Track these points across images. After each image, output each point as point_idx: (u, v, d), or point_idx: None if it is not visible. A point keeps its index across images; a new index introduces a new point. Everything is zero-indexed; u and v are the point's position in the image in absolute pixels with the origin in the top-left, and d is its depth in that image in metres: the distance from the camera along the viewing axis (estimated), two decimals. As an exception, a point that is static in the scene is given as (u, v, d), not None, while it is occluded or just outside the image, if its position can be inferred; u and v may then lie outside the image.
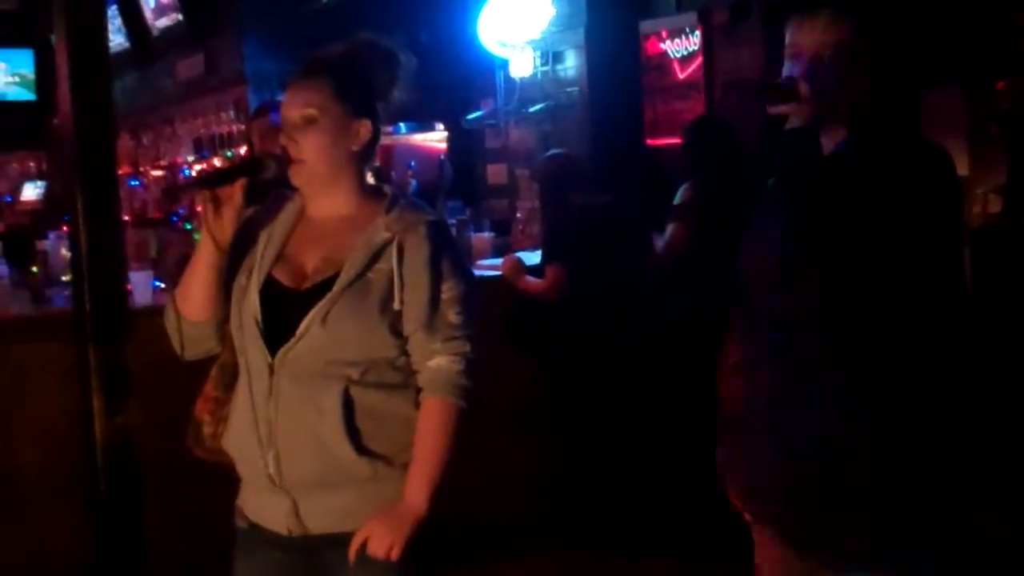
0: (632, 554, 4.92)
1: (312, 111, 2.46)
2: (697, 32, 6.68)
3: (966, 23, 5.59)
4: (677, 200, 5.40)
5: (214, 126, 10.66)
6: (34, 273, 5.34)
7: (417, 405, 2.45)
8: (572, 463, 5.14)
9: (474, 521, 4.83)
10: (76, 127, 3.52)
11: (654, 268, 5.31)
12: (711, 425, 2.58)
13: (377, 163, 2.62)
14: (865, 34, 2.32)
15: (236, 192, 2.44)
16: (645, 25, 7.08)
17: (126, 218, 10.40)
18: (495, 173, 8.19)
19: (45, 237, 5.94)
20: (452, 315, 2.45)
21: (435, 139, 8.57)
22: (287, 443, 2.41)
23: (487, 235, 6.84)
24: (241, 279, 2.50)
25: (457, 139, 8.60)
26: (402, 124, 8.15)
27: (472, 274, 2.60)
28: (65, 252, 4.86)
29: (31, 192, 13.58)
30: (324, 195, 2.53)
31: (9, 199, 13.85)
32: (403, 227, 2.47)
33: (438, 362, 2.44)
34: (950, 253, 2.32)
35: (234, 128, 10.09)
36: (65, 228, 5.76)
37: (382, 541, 2.38)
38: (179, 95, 11.49)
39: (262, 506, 2.50)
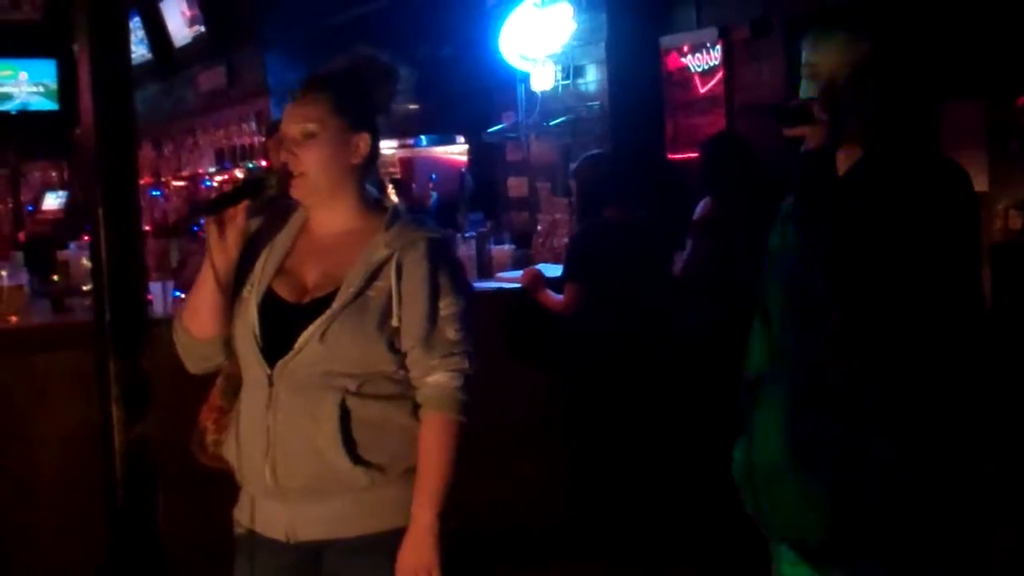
0: (649, 567, 4.91)
1: (311, 126, 2.49)
2: (718, 47, 6.67)
3: (988, 38, 5.57)
4: (696, 216, 5.40)
5: (235, 138, 10.72)
6: (55, 282, 5.36)
7: (414, 415, 2.47)
8: (590, 477, 5.13)
9: (488, 534, 4.83)
10: (98, 138, 3.54)
11: (673, 284, 5.31)
12: (729, 439, 2.58)
13: (398, 175, 2.64)
14: (882, 53, 2.31)
15: (239, 213, 2.49)
16: (666, 40, 7.08)
17: (147, 228, 10.45)
18: (516, 186, 8.19)
19: (66, 247, 5.96)
20: (451, 332, 2.47)
21: (456, 152, 8.59)
22: (284, 452, 2.43)
23: (507, 247, 6.84)
24: (243, 292, 2.53)
25: (478, 152, 8.61)
26: (423, 137, 8.17)
27: (471, 290, 2.61)
28: (86, 262, 4.87)
29: (53, 201, 13.66)
30: (325, 209, 2.55)
31: (31, 208, 13.93)
32: (402, 244, 2.49)
33: (437, 379, 2.46)
34: (968, 273, 2.31)
35: (255, 140, 10.13)
36: (86, 238, 5.78)
37: (417, 571, 2.41)
38: (201, 106, 11.55)
39: (260, 512, 2.53)
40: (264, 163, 9.04)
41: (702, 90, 6.82)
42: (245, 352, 2.51)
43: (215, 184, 11.29)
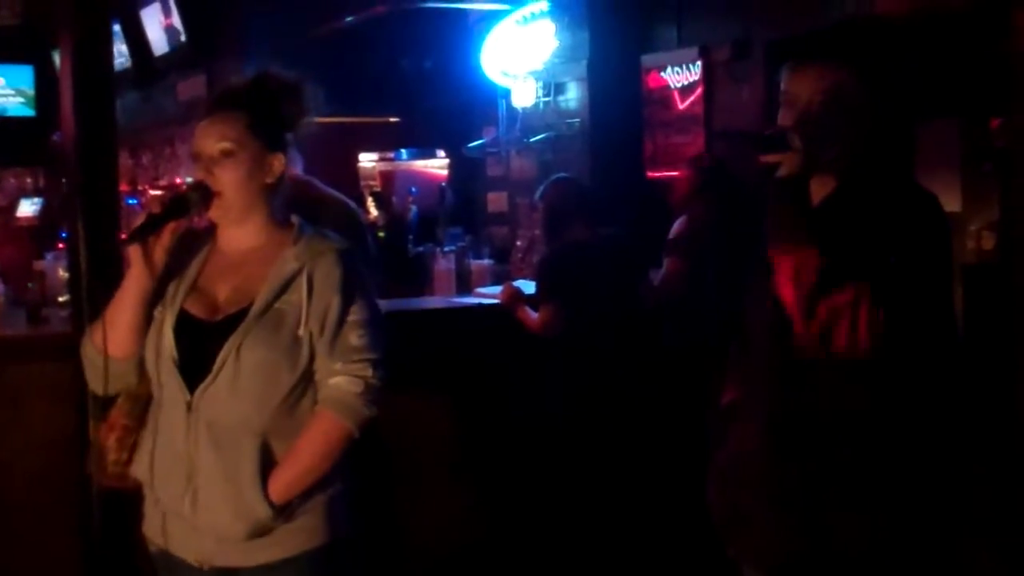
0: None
1: (228, 144, 2.49)
2: (698, 64, 6.69)
3: (963, 59, 5.60)
4: (671, 235, 5.42)
5: (214, 147, 10.65)
6: (30, 292, 5.31)
7: None
8: (564, 497, 5.12)
9: (475, 559, 4.83)
10: (78, 148, 3.53)
11: (649, 302, 5.31)
12: (702, 461, 2.59)
13: (379, 188, 2.65)
14: (858, 83, 2.33)
15: (165, 234, 2.48)
16: (647, 59, 7.11)
17: (123, 237, 10.37)
18: (495, 201, 8.19)
19: (42, 257, 5.91)
20: (354, 338, 2.48)
21: (437, 166, 8.59)
22: (206, 490, 2.44)
23: (486, 262, 6.84)
24: (156, 313, 2.53)
25: (459, 166, 8.61)
26: (404, 150, 8.17)
27: (376, 303, 2.61)
28: (63, 272, 4.84)
29: (28, 208, 13.55)
30: (237, 227, 2.56)
31: (4, 215, 13.81)
32: (311, 256, 2.51)
33: (337, 381, 2.47)
34: (940, 296, 2.33)
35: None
36: (62, 246, 5.74)
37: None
38: (180, 115, 11.49)
39: (173, 533, 2.52)
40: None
41: (681, 106, 6.84)
42: (162, 374, 2.50)
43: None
